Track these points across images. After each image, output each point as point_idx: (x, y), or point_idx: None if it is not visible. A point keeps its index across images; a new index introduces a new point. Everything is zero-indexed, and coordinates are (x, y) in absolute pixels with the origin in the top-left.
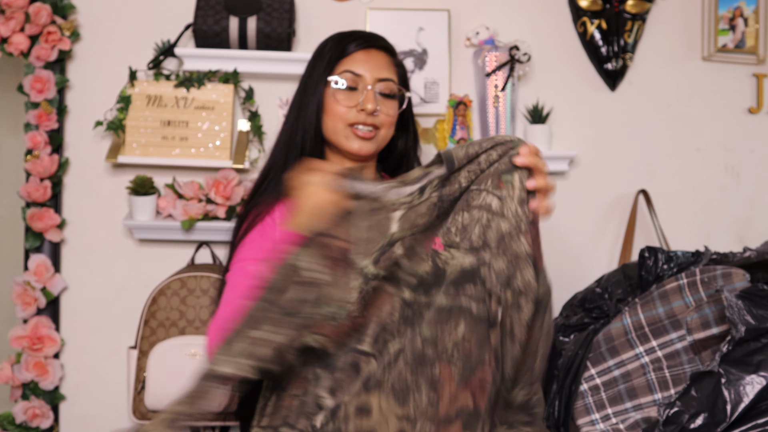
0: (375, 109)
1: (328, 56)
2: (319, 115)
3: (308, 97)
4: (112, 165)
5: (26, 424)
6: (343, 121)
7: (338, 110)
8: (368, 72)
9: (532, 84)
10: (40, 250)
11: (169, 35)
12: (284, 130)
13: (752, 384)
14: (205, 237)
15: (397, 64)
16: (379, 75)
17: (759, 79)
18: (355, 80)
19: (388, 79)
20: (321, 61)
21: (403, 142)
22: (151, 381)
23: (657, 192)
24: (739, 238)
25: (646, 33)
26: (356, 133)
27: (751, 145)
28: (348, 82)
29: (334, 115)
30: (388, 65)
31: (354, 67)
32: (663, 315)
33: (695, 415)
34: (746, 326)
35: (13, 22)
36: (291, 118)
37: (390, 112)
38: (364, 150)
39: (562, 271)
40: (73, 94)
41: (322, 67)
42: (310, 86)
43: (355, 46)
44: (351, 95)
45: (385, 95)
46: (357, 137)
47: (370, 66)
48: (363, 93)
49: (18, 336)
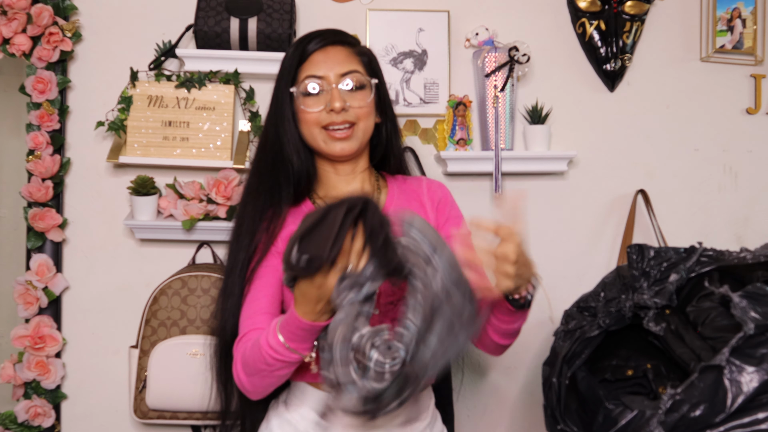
0: (343, 106)
1: (288, 65)
2: (296, 126)
3: (282, 111)
4: (113, 165)
5: (28, 423)
6: (317, 125)
7: (310, 117)
8: (329, 70)
9: (532, 84)
10: (42, 249)
11: (170, 36)
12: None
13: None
14: (206, 237)
15: (360, 53)
16: (340, 70)
17: (757, 79)
18: (319, 83)
19: (350, 72)
20: (284, 72)
21: (384, 128)
22: (152, 380)
23: (655, 192)
24: (738, 238)
25: (645, 34)
26: (332, 135)
27: (749, 146)
28: (312, 87)
29: (307, 122)
30: (348, 58)
31: (314, 71)
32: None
33: (696, 405)
34: (755, 323)
35: (15, 23)
36: (269, 132)
37: (361, 104)
38: (346, 150)
39: (561, 271)
40: (75, 95)
41: (287, 79)
42: (279, 99)
43: (312, 47)
44: (319, 98)
45: (353, 88)
46: (335, 139)
47: (330, 64)
48: (329, 93)
49: (20, 335)
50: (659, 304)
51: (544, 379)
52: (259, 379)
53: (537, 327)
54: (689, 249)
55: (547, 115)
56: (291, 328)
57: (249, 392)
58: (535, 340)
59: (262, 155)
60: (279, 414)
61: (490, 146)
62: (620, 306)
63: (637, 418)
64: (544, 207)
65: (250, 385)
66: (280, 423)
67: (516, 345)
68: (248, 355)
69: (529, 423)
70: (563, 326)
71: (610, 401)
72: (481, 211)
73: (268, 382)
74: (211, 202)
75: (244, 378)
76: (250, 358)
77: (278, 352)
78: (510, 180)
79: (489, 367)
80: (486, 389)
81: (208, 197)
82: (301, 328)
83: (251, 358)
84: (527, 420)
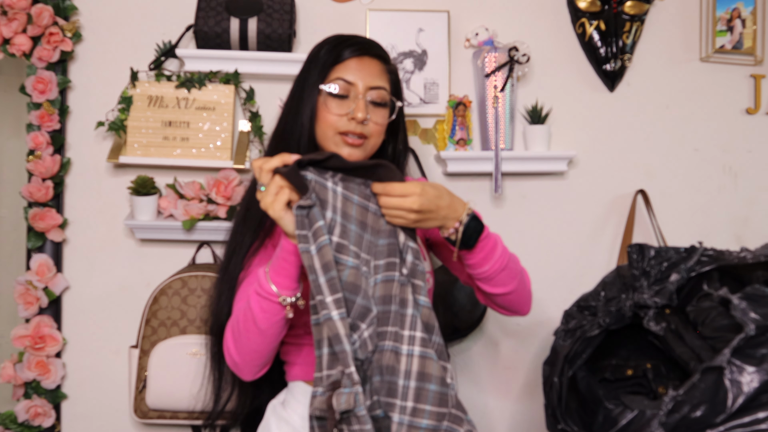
0: (365, 118)
1: (322, 62)
2: (313, 121)
3: (303, 102)
4: (113, 165)
5: (28, 423)
6: (333, 129)
7: (329, 118)
8: (360, 80)
9: (531, 85)
10: (42, 249)
11: (171, 36)
12: (277, 131)
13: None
14: (206, 237)
15: (390, 71)
16: (371, 83)
17: (756, 79)
18: (347, 88)
19: (379, 87)
20: (315, 66)
21: (392, 148)
22: (152, 380)
23: (655, 192)
24: (737, 238)
25: (645, 34)
26: (345, 140)
27: (748, 146)
28: (340, 89)
29: (325, 122)
30: (380, 73)
31: (346, 75)
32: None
33: (697, 406)
34: (755, 324)
35: (16, 23)
36: (286, 120)
37: (379, 121)
38: (353, 156)
39: (561, 271)
40: (75, 95)
41: (316, 73)
42: (304, 91)
43: (349, 53)
44: (342, 103)
45: (376, 104)
46: (346, 144)
47: (363, 74)
48: (354, 101)
49: (20, 335)
50: (659, 304)
51: (545, 378)
52: (247, 341)
53: (537, 326)
54: (689, 249)
55: (547, 115)
56: (277, 257)
57: (238, 365)
58: (535, 340)
59: (274, 143)
60: (277, 414)
61: (490, 146)
62: (620, 305)
63: (638, 418)
64: (544, 207)
65: (239, 354)
66: (278, 423)
67: (516, 344)
68: (238, 317)
69: (530, 422)
70: (563, 325)
71: (609, 401)
72: (481, 210)
73: (255, 346)
74: (211, 202)
75: (233, 347)
76: (240, 319)
77: (262, 293)
78: (510, 180)
79: (489, 366)
80: (486, 388)
81: (208, 197)
82: (285, 250)
83: (241, 318)
84: (527, 419)
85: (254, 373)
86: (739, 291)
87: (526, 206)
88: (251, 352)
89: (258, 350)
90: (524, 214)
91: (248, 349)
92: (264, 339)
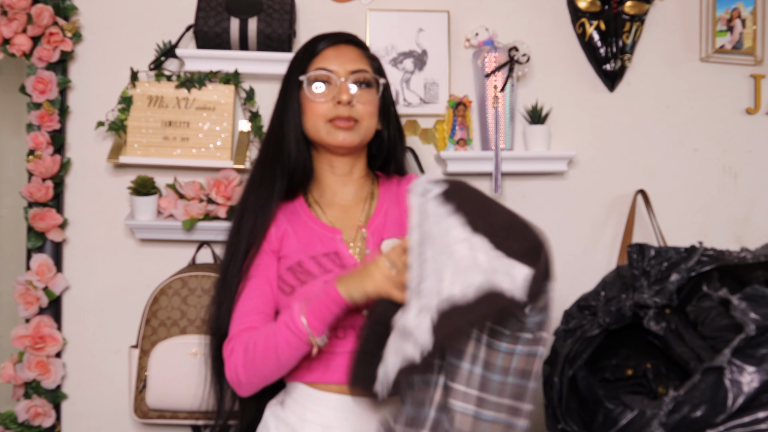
0: (350, 99)
1: (300, 59)
2: (300, 117)
3: (288, 101)
4: (113, 165)
5: (28, 423)
6: (322, 118)
7: (316, 108)
8: (339, 66)
9: (531, 85)
10: (42, 249)
11: (171, 36)
12: (269, 134)
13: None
14: (206, 237)
15: (370, 57)
16: (351, 67)
17: (756, 79)
18: (328, 76)
19: (360, 70)
20: (295, 65)
21: (386, 134)
22: (152, 380)
23: (655, 192)
24: (737, 238)
25: (645, 34)
26: (336, 125)
27: (748, 146)
28: (321, 78)
29: (313, 113)
30: (359, 57)
31: (325, 64)
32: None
33: (697, 406)
34: (756, 324)
35: (16, 23)
36: (275, 122)
37: (367, 101)
38: (347, 141)
39: (561, 271)
40: (75, 95)
41: (297, 71)
42: (288, 91)
43: (324, 44)
44: (326, 91)
45: (361, 84)
46: (338, 128)
47: (341, 60)
48: (337, 87)
49: (20, 335)
50: (659, 304)
51: (545, 378)
52: (261, 367)
53: None
54: (690, 249)
55: (547, 115)
56: (319, 301)
57: (242, 384)
58: None
59: (266, 147)
60: (276, 415)
61: (490, 146)
62: (620, 305)
63: (638, 418)
64: (544, 207)
65: (247, 375)
66: (276, 424)
67: None
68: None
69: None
70: (563, 325)
71: (609, 401)
72: None
73: (267, 372)
74: (211, 202)
75: (242, 368)
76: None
77: (293, 328)
78: (510, 180)
79: None
80: None
81: (208, 197)
82: (332, 299)
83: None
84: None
85: (253, 392)
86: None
87: (526, 206)
88: (261, 378)
89: (268, 376)
90: (524, 214)
91: (260, 374)
92: (279, 369)
